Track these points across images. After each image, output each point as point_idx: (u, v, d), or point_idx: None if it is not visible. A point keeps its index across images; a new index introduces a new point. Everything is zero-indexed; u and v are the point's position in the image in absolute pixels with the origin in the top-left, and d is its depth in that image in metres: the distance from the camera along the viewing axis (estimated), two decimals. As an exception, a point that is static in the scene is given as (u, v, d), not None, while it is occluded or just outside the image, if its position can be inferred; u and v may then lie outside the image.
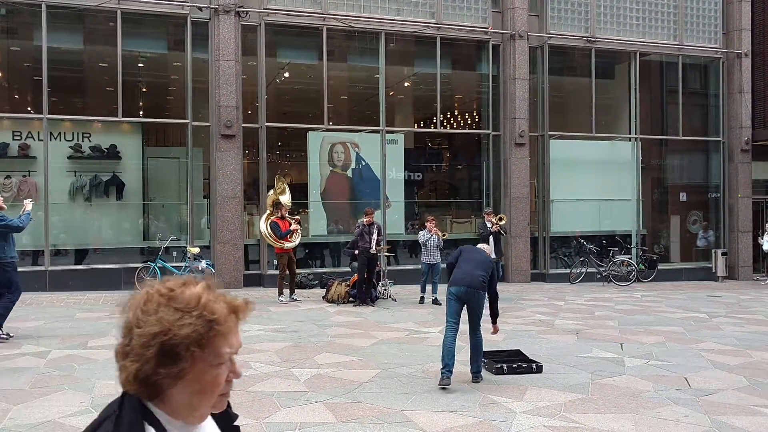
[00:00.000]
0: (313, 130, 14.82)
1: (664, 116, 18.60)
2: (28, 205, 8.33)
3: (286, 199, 12.55)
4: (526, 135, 15.75)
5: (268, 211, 12.52)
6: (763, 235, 16.64)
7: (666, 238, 18.63)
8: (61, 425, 4.96)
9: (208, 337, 1.17)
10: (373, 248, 11.58)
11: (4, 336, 7.98)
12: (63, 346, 7.74)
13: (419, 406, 5.57)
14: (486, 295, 6.51)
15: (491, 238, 12.43)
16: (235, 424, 1.38)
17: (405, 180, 15.78)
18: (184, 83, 13.80)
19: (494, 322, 6.75)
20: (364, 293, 11.64)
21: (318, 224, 15.06)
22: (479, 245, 7.27)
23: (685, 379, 6.69)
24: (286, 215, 12.25)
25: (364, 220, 11.79)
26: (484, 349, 6.67)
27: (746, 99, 17.79)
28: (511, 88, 15.68)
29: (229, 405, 1.33)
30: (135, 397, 1.18)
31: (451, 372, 6.20)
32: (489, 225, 12.60)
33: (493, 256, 12.05)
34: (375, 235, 11.67)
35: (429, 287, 12.11)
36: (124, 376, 1.18)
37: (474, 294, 6.37)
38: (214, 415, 1.29)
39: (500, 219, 13.02)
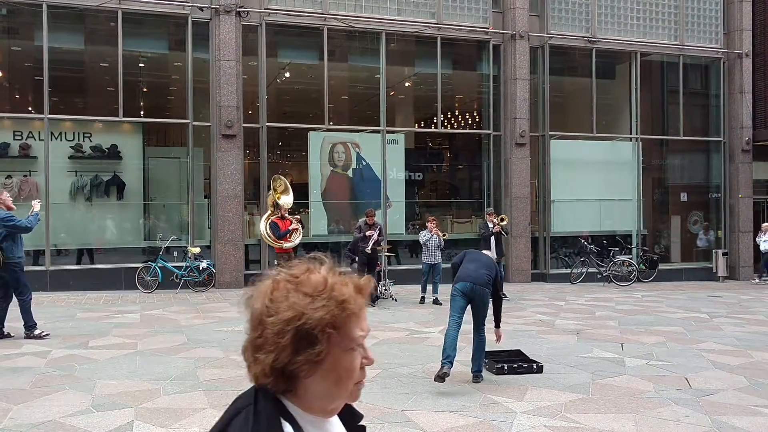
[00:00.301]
0: (314, 130, 14.83)
1: (665, 116, 18.59)
2: (36, 205, 8.37)
3: (289, 199, 12.53)
4: (527, 135, 15.75)
5: (269, 211, 12.52)
6: (762, 234, 16.62)
7: (667, 238, 18.63)
8: (61, 425, 4.96)
9: (342, 318, 1.16)
10: (369, 248, 11.54)
11: (45, 334, 8.07)
12: (64, 345, 7.74)
13: (420, 406, 5.57)
14: (490, 294, 6.52)
15: (492, 238, 12.42)
16: (360, 424, 1.34)
17: (405, 180, 15.79)
18: (185, 83, 13.81)
19: (497, 326, 6.74)
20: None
21: (318, 224, 15.07)
22: (483, 251, 7.30)
23: (686, 379, 6.69)
24: (286, 215, 12.24)
25: (368, 232, 11.70)
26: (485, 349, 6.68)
27: (747, 99, 17.79)
28: (512, 88, 15.68)
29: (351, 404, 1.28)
30: (269, 391, 1.15)
31: (452, 364, 6.17)
32: (491, 225, 12.58)
33: (494, 256, 12.16)
34: (375, 236, 11.64)
35: (429, 287, 12.11)
36: (259, 369, 1.15)
37: (479, 291, 6.39)
38: (339, 415, 1.26)
39: (502, 219, 13.01)
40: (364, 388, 1.24)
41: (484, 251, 7.33)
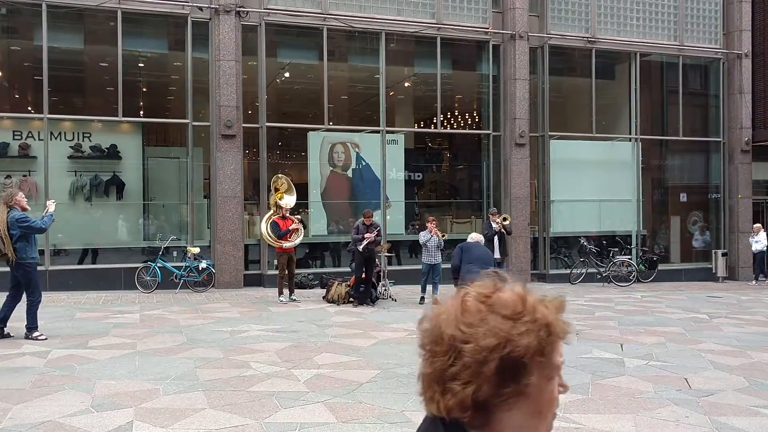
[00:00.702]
0: (314, 130, 14.82)
1: (665, 117, 18.59)
2: (51, 206, 8.37)
3: (292, 199, 12.54)
4: (527, 135, 15.75)
5: (271, 211, 12.52)
6: (754, 235, 16.67)
7: (666, 238, 18.63)
8: (61, 425, 4.95)
9: (548, 343, 1.05)
10: (361, 246, 11.50)
11: (44, 338, 8.00)
12: (63, 345, 7.73)
13: (419, 407, 5.52)
14: None
15: (496, 237, 12.54)
16: None
17: (405, 180, 15.78)
18: (185, 83, 13.81)
19: None
20: (363, 293, 11.62)
21: (318, 224, 15.06)
22: (472, 235, 7.11)
23: (685, 379, 6.69)
24: (288, 215, 12.24)
25: (366, 234, 11.66)
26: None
27: (746, 99, 17.79)
28: (512, 88, 15.68)
29: None
30: (460, 426, 1.04)
31: None
32: (494, 225, 12.64)
33: (497, 255, 12.39)
34: (372, 236, 11.56)
35: (429, 287, 12.10)
36: (454, 400, 1.03)
37: None
38: None
39: (504, 219, 13.05)
40: (363, 388, 1.20)
41: (472, 238, 7.10)
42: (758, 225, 16.79)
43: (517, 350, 1.01)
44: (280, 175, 12.84)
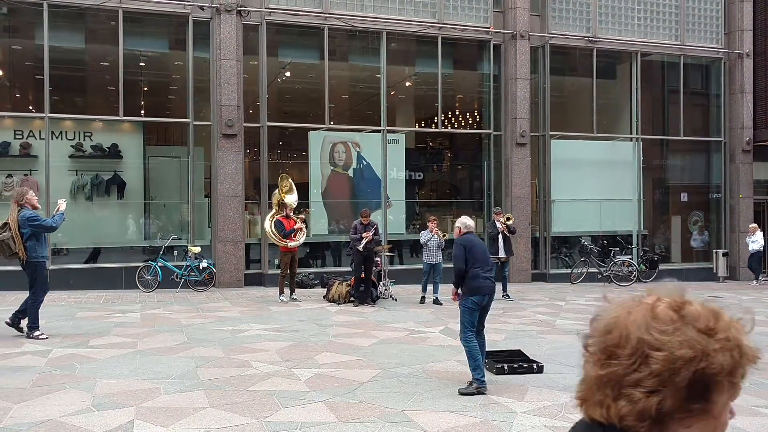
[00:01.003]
0: (315, 129, 14.83)
1: (666, 116, 18.58)
2: (62, 204, 8.36)
3: (293, 198, 12.54)
4: (528, 135, 15.75)
5: (273, 210, 12.52)
6: (751, 235, 16.67)
7: (667, 238, 18.62)
8: (62, 424, 4.96)
9: (740, 365, 1.01)
10: (361, 246, 11.48)
11: (45, 337, 7.99)
12: (64, 345, 7.74)
13: (420, 406, 5.57)
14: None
15: (500, 236, 12.58)
16: None
17: (406, 180, 15.78)
18: (186, 82, 13.81)
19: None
20: (363, 293, 11.62)
21: (319, 224, 15.07)
22: (465, 222, 6.79)
23: (686, 379, 6.68)
24: (291, 214, 12.24)
25: (364, 234, 11.63)
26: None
27: (748, 99, 17.78)
28: (513, 87, 15.68)
29: None
30: None
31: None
32: (498, 225, 12.68)
33: (502, 255, 12.44)
34: (370, 236, 11.54)
35: (430, 287, 12.11)
36: (628, 408, 0.98)
37: (492, 297, 6.46)
38: None
39: (508, 219, 13.08)
40: (364, 387, 1.19)
41: (466, 227, 6.75)
42: (754, 225, 16.80)
43: (713, 367, 0.97)
44: (286, 175, 12.86)
